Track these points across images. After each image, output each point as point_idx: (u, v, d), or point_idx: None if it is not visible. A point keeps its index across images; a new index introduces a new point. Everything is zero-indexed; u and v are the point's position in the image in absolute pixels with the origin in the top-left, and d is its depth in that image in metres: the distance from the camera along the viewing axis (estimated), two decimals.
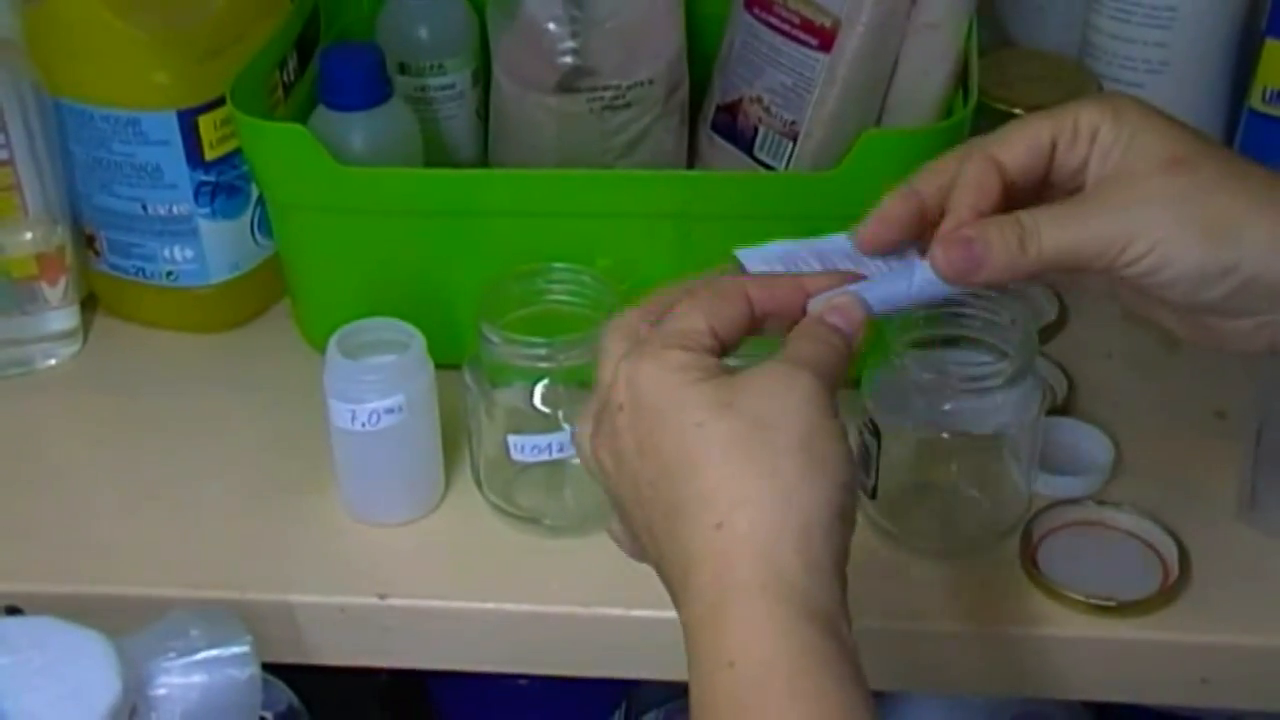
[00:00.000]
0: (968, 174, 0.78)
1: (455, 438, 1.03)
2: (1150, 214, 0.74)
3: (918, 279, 0.77)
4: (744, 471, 0.67)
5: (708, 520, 0.67)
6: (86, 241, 1.17)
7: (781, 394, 0.69)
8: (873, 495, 0.97)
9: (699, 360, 0.70)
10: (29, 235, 1.12)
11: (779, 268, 0.78)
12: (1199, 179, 0.75)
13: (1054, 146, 0.78)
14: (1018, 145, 0.78)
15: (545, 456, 0.97)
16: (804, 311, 0.76)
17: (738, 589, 0.66)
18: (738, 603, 0.65)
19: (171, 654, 0.85)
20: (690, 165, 1.20)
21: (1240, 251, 0.74)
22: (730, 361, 0.72)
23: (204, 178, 1.12)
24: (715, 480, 0.67)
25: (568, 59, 1.13)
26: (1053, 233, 0.75)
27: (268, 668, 0.90)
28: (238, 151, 1.11)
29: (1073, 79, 1.22)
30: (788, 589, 0.65)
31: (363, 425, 0.96)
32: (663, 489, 0.69)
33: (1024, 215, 0.76)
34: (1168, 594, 0.94)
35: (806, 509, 0.66)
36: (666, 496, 0.69)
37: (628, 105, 1.14)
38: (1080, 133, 0.77)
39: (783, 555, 0.66)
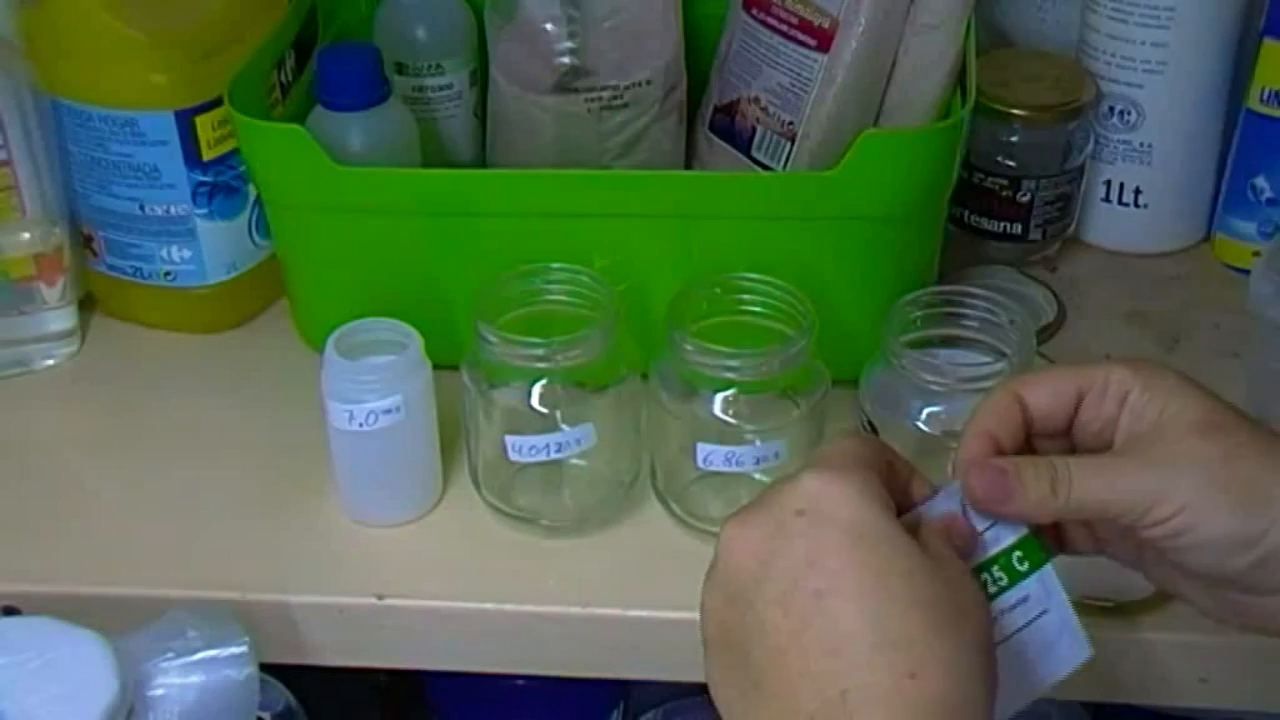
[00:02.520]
0: (989, 400, 0.78)
1: (453, 438, 1.02)
2: (1181, 476, 0.73)
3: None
4: (952, 639, 0.66)
5: (900, 664, 0.65)
6: (84, 242, 1.17)
7: (980, 596, 0.71)
8: None
9: (882, 492, 0.70)
10: (27, 235, 1.12)
11: None
12: (1231, 444, 0.73)
13: (1079, 400, 0.77)
14: (1043, 387, 0.78)
15: (543, 457, 0.97)
16: None
17: None
18: None
19: (169, 654, 0.85)
20: (688, 166, 1.20)
21: (1269, 520, 0.72)
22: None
23: (202, 178, 1.12)
24: (917, 632, 0.66)
25: (565, 59, 1.13)
26: (1084, 481, 0.74)
27: (265, 668, 0.90)
28: (235, 152, 1.11)
29: (1071, 79, 1.22)
30: None
31: (360, 425, 0.95)
32: (835, 608, 0.66)
33: (1058, 460, 0.75)
34: (1166, 594, 0.94)
35: (988, 695, 0.67)
36: (840, 617, 0.66)
37: (625, 105, 1.14)
38: (1110, 393, 0.76)
39: None
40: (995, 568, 0.76)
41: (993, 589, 0.76)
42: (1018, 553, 0.77)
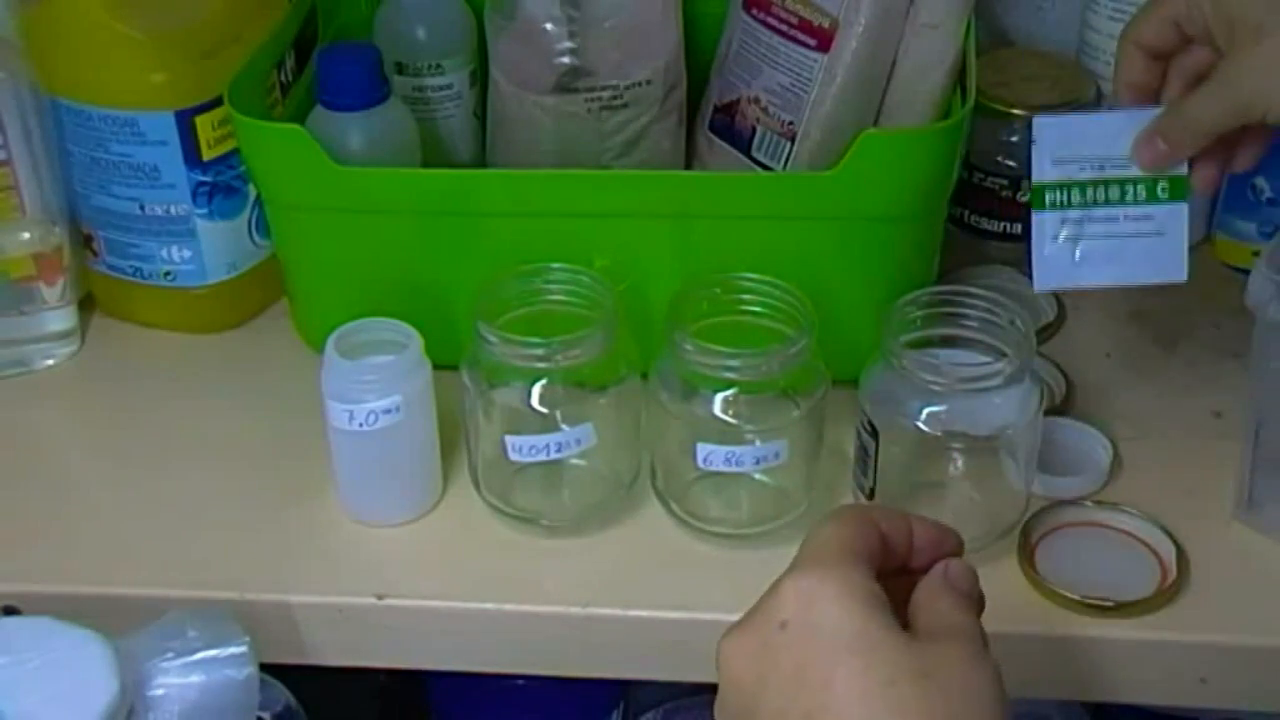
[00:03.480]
0: (1117, 59, 1.00)
1: (453, 438, 1.02)
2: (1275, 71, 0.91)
3: None
4: None
5: None
6: (84, 242, 1.17)
7: (976, 679, 0.67)
8: (870, 496, 0.97)
9: (868, 585, 0.69)
10: (27, 235, 1.12)
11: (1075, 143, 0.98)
12: None
13: (1177, 23, 0.96)
14: (1149, 25, 0.97)
15: (543, 457, 0.97)
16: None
17: None
18: None
19: (169, 654, 0.85)
20: (688, 165, 1.20)
21: None
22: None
23: (201, 178, 1.12)
24: None
25: (565, 59, 1.13)
26: (1205, 109, 0.93)
27: (265, 668, 0.89)
28: (235, 152, 1.11)
29: (1071, 78, 1.22)
30: None
31: (360, 425, 0.95)
32: None
33: (1183, 102, 0.95)
34: (1165, 594, 0.94)
35: None
36: None
37: (625, 105, 1.14)
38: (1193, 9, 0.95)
39: None
40: (1139, 185, 0.97)
41: (1128, 199, 0.97)
42: (1163, 183, 0.97)
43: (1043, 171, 0.97)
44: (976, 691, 0.67)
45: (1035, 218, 0.97)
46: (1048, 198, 0.97)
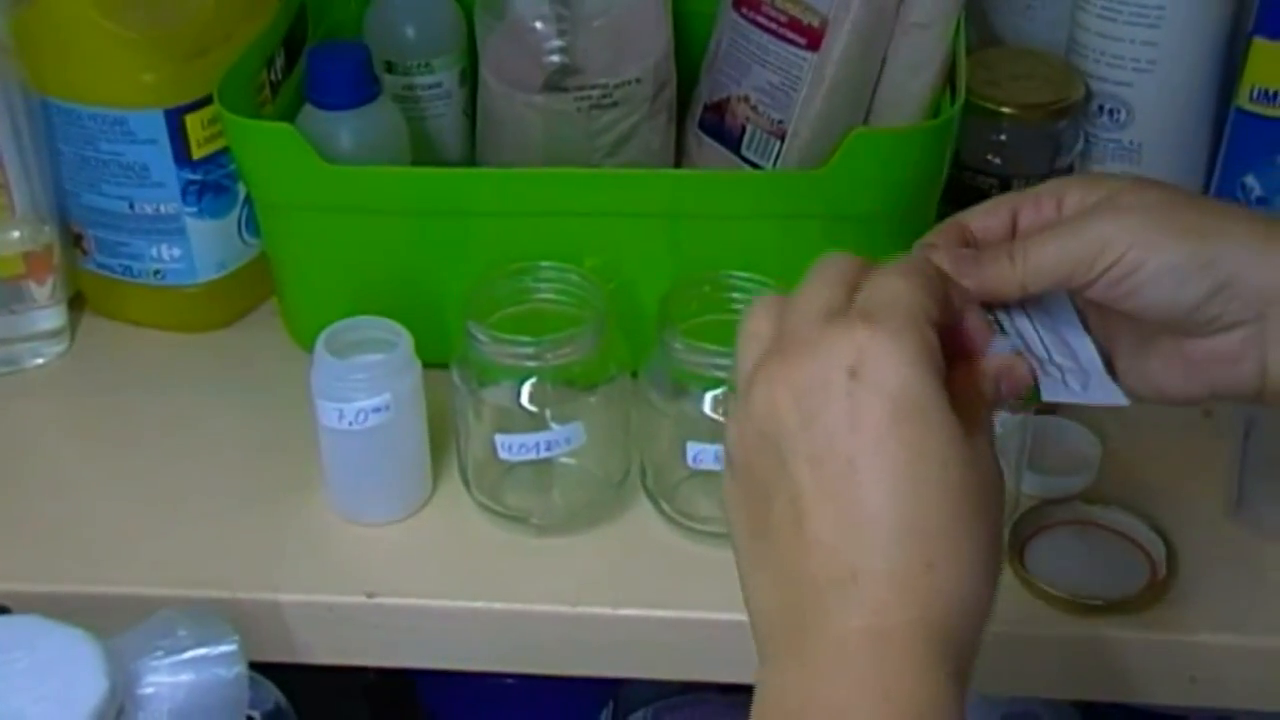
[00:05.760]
0: (937, 229, 0.81)
1: (443, 437, 1.03)
2: (1123, 218, 0.76)
3: None
4: (974, 533, 0.65)
5: (917, 553, 0.64)
6: (74, 240, 1.17)
7: (1000, 477, 0.69)
8: None
9: (935, 356, 0.67)
10: (16, 234, 1.12)
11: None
12: (1171, 193, 0.78)
13: (1015, 214, 0.81)
14: (979, 210, 0.81)
15: (533, 455, 0.97)
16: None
17: (920, 633, 0.64)
18: (915, 643, 0.64)
19: (159, 653, 0.84)
20: (678, 164, 1.20)
21: (1217, 248, 0.75)
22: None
23: (191, 176, 1.12)
24: (941, 523, 0.65)
25: (555, 58, 1.13)
26: (1039, 248, 0.76)
27: (255, 666, 0.89)
28: (225, 150, 1.11)
29: (1060, 78, 1.22)
30: (966, 665, 0.65)
31: (350, 424, 0.95)
32: (866, 483, 0.65)
33: (1013, 241, 0.78)
34: (1155, 593, 0.94)
35: (993, 589, 0.67)
36: (868, 493, 0.65)
37: (615, 104, 1.14)
38: (1043, 200, 0.80)
39: (968, 631, 0.65)
40: None
41: None
42: None
43: None
44: (1002, 489, 0.69)
45: None
46: None
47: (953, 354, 0.69)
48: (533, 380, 0.96)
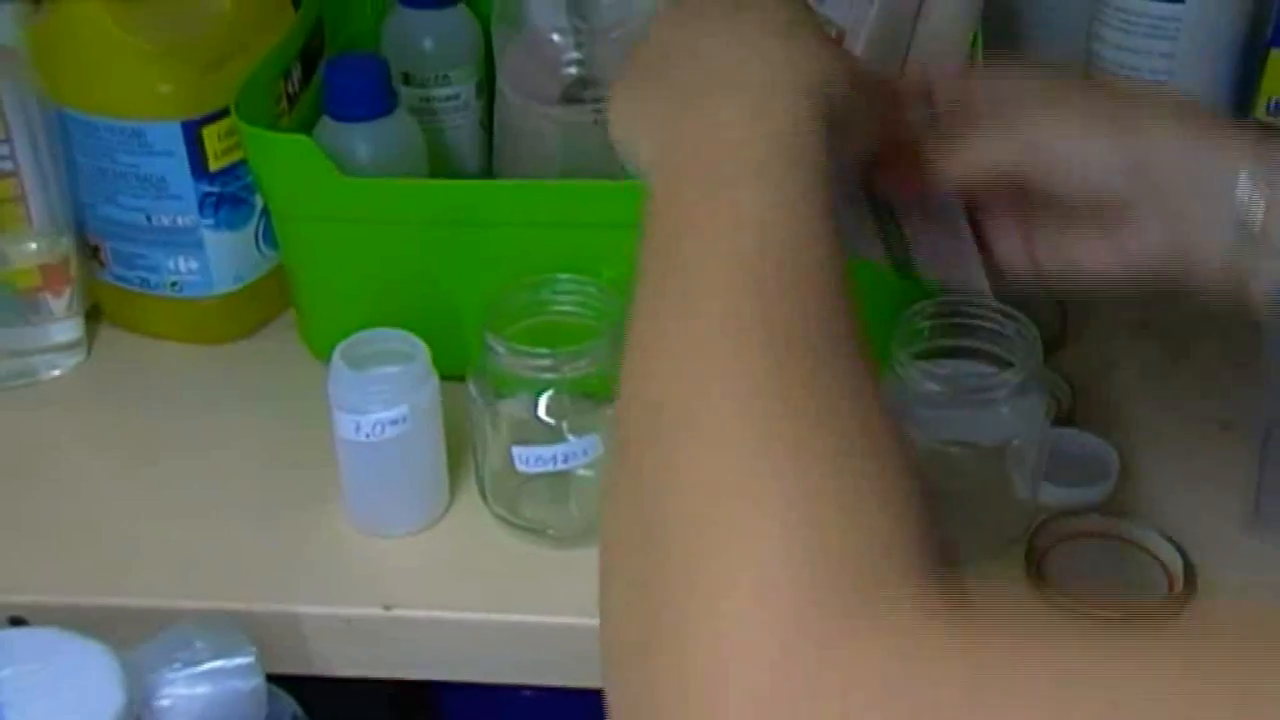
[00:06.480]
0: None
1: (460, 449, 1.02)
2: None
3: None
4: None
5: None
6: (91, 252, 1.17)
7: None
8: None
9: None
10: (34, 246, 1.13)
11: None
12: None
13: None
14: None
15: (550, 467, 0.97)
16: None
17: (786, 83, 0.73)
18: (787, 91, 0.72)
19: (176, 665, 0.84)
20: None
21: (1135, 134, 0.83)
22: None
23: (208, 189, 1.12)
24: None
25: (572, 70, 1.13)
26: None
27: (272, 679, 0.89)
28: (242, 162, 1.11)
29: None
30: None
31: (367, 436, 0.95)
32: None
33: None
34: (1173, 606, 0.94)
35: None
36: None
37: None
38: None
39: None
40: None
41: None
42: None
43: None
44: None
45: None
46: None
47: None
48: (550, 392, 0.96)
